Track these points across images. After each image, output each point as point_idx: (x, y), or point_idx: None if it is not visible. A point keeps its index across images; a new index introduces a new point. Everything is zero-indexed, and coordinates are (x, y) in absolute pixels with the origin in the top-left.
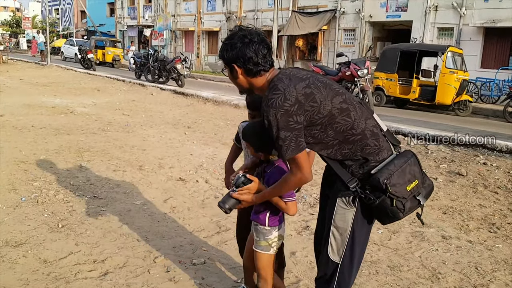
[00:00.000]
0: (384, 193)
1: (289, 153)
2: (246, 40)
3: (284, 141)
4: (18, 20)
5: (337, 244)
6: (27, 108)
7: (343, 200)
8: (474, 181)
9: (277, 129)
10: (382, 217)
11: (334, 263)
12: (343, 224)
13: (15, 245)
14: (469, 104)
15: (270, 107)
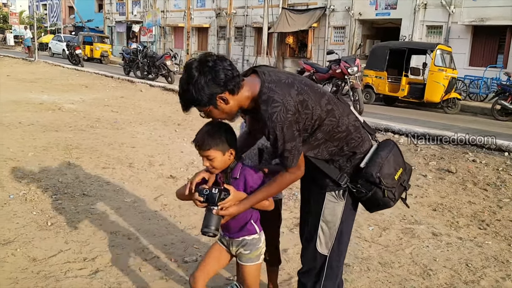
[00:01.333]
0: (376, 185)
1: (294, 161)
2: (205, 68)
3: (290, 152)
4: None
5: (325, 237)
6: (14, 104)
7: (333, 194)
8: (464, 178)
9: (284, 142)
10: (372, 207)
11: (323, 256)
12: (333, 218)
13: (3, 243)
14: (457, 102)
15: (276, 122)
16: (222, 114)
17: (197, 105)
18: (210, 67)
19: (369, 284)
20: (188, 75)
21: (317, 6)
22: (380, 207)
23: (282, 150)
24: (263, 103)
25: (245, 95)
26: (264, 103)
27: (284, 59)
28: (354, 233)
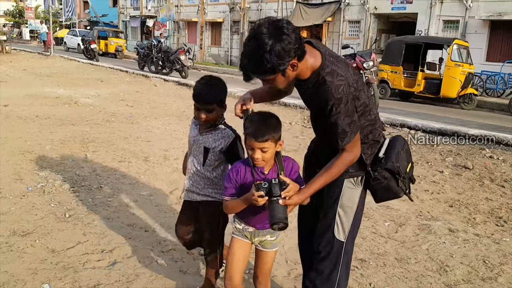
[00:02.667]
0: (393, 174)
1: (352, 137)
2: (279, 33)
3: (350, 126)
4: (20, 10)
5: (342, 223)
6: (31, 98)
7: (352, 180)
8: (481, 174)
9: (345, 116)
10: (383, 195)
11: (340, 242)
12: (351, 203)
13: (22, 235)
14: (474, 98)
15: (342, 95)
16: (285, 82)
17: (267, 73)
18: (283, 32)
19: (385, 279)
20: (259, 44)
21: (332, 0)
22: (390, 196)
23: (343, 125)
24: (328, 75)
25: (308, 62)
26: (329, 75)
27: None
28: (370, 228)
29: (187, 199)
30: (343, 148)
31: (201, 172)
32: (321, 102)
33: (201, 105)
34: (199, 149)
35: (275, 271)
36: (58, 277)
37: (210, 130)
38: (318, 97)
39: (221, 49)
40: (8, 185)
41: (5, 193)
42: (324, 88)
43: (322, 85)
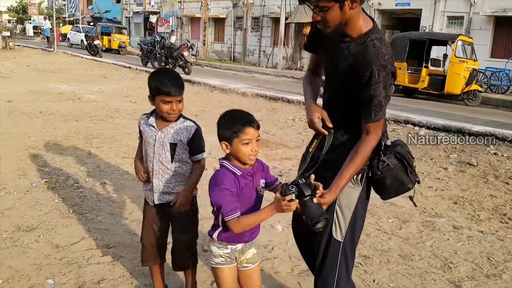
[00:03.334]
0: (401, 161)
1: (383, 113)
2: None
3: (385, 100)
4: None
5: (339, 222)
6: (35, 94)
7: (351, 179)
8: (485, 171)
9: (384, 88)
10: (392, 185)
11: (337, 241)
12: (348, 203)
13: (27, 230)
14: (478, 94)
15: (386, 64)
16: (335, 21)
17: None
18: None
19: (389, 276)
20: None
21: None
22: (398, 187)
23: (380, 96)
24: (377, 40)
25: (360, 21)
26: (378, 40)
27: (301, 50)
28: (374, 225)
29: (159, 202)
30: (370, 130)
31: (172, 169)
32: (362, 66)
33: (174, 98)
34: (163, 147)
35: (279, 267)
36: (62, 273)
37: (170, 125)
38: (359, 60)
39: (224, 45)
40: (12, 181)
41: (9, 188)
42: (371, 50)
43: (369, 47)
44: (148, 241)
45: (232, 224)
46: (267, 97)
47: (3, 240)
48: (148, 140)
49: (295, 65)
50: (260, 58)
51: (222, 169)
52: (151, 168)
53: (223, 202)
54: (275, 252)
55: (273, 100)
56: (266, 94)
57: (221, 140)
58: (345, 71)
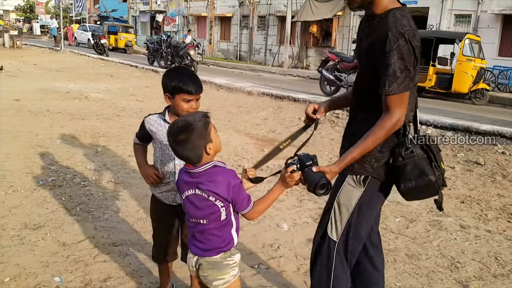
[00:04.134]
0: (427, 153)
1: (401, 88)
2: None
3: (402, 72)
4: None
5: (336, 222)
6: (42, 93)
7: (354, 178)
8: (492, 170)
9: (400, 58)
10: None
11: (332, 240)
12: (347, 202)
13: (34, 228)
14: (486, 93)
15: (404, 31)
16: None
17: None
18: None
19: (396, 275)
20: None
21: None
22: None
23: (395, 66)
24: (400, 14)
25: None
26: (400, 14)
27: (308, 48)
28: (381, 224)
29: (175, 204)
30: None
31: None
32: (380, 34)
33: (195, 96)
34: None
35: (285, 266)
36: (69, 270)
37: None
38: (378, 30)
39: (230, 44)
40: (20, 179)
41: (17, 186)
42: (390, 19)
43: (390, 17)
44: (162, 240)
45: (252, 214)
46: (273, 95)
47: (11, 238)
48: (166, 139)
49: (301, 64)
50: (266, 56)
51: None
52: (172, 168)
53: (244, 194)
54: (281, 251)
55: (279, 98)
56: (272, 92)
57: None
58: (367, 46)
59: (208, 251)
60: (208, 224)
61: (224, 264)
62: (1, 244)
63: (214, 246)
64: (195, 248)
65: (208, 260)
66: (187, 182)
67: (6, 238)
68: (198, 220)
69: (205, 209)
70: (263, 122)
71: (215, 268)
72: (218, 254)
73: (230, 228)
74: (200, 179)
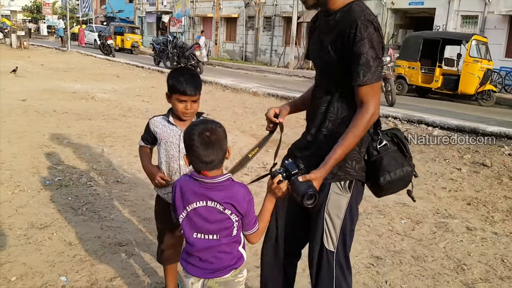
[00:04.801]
0: (398, 144)
1: (375, 77)
2: None
3: (375, 60)
4: (38, 6)
5: (330, 232)
6: (49, 93)
7: (339, 185)
8: (499, 172)
9: (371, 47)
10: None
11: (330, 252)
12: (337, 211)
13: (40, 228)
14: (492, 94)
15: (371, 22)
16: None
17: None
18: None
19: (401, 277)
20: None
21: None
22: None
23: (367, 55)
24: (362, 4)
25: None
26: (363, 5)
27: None
28: (386, 226)
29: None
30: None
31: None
32: (347, 24)
33: (189, 98)
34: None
35: None
36: (75, 270)
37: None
38: (344, 22)
39: (236, 44)
40: (27, 179)
41: (23, 186)
42: (355, 8)
43: (354, 7)
44: (167, 241)
45: (256, 235)
46: (279, 96)
47: (17, 237)
48: (170, 140)
49: (307, 65)
50: (272, 57)
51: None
52: (177, 168)
53: (254, 212)
54: None
55: (284, 99)
56: (278, 93)
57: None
58: (332, 40)
59: (218, 271)
60: (218, 240)
61: (235, 282)
62: (8, 243)
63: (224, 265)
64: (200, 270)
65: (219, 281)
66: (196, 193)
67: (13, 238)
68: (207, 235)
69: (218, 223)
70: None
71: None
72: (229, 273)
73: (238, 246)
74: (215, 190)
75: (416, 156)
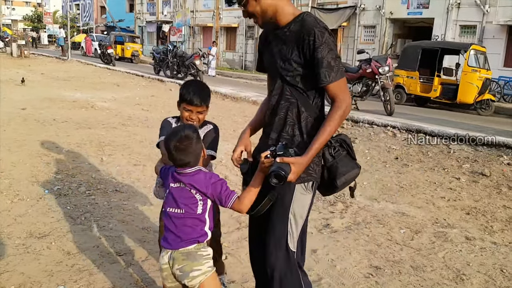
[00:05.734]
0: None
1: (339, 74)
2: None
3: (335, 60)
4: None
5: (293, 232)
6: (49, 102)
7: (303, 186)
8: (498, 181)
9: (330, 49)
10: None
11: (292, 252)
12: (301, 211)
13: (39, 237)
14: (491, 104)
15: (326, 28)
16: (258, 11)
17: None
18: None
19: (401, 287)
20: None
21: (347, 5)
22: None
23: (327, 57)
24: (311, 18)
25: (289, 8)
26: (311, 18)
27: None
28: (385, 235)
29: None
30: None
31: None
32: (304, 33)
33: (195, 108)
34: None
35: None
36: (73, 279)
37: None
38: (299, 31)
39: (236, 54)
40: (26, 188)
41: (22, 195)
42: (308, 19)
43: (306, 17)
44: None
45: (238, 205)
46: None
47: (16, 247)
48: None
49: None
50: None
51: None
52: None
53: (224, 191)
54: None
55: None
56: None
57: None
58: (291, 48)
59: (182, 243)
60: (184, 214)
61: (198, 254)
62: (7, 252)
63: (188, 237)
64: (168, 243)
65: (182, 251)
66: (174, 178)
67: (11, 247)
68: (175, 209)
69: (184, 200)
70: None
71: (189, 259)
72: (192, 245)
73: (203, 225)
74: (186, 176)
75: (415, 166)
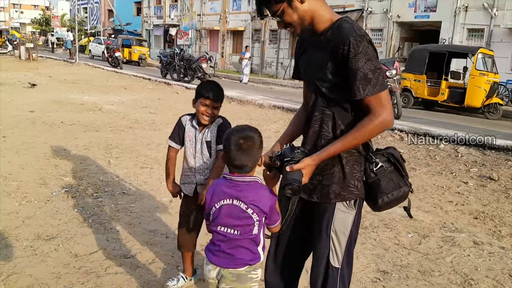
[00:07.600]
0: (394, 164)
1: (377, 88)
2: None
3: (374, 73)
4: (47, 19)
5: (336, 249)
6: (57, 104)
7: (344, 204)
8: (506, 186)
9: (368, 60)
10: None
11: (335, 268)
12: (343, 228)
13: (46, 239)
14: (499, 107)
15: (364, 36)
16: (295, 20)
17: (272, 2)
18: None
19: None
20: None
21: (354, 8)
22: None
23: (364, 69)
24: (350, 20)
25: (325, 13)
26: (348, 25)
27: None
28: (393, 239)
29: (191, 195)
30: (372, 108)
31: (210, 164)
32: (339, 41)
33: (211, 103)
34: (203, 145)
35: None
36: (80, 282)
37: (208, 127)
38: (335, 39)
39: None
40: (33, 190)
41: (30, 197)
42: (344, 25)
43: (343, 24)
44: (184, 228)
45: (276, 228)
46: (284, 108)
47: (24, 249)
48: (191, 140)
49: None
50: (278, 70)
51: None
52: (193, 164)
53: (277, 210)
54: None
55: (290, 111)
56: (284, 105)
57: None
58: (326, 57)
59: (234, 263)
60: (239, 236)
61: (248, 277)
62: (15, 254)
63: (240, 258)
64: (218, 259)
65: (232, 272)
66: (225, 193)
67: (19, 249)
68: (229, 230)
69: (240, 221)
70: (274, 135)
71: (239, 281)
72: (244, 267)
73: (257, 246)
74: (242, 190)
75: (423, 169)
